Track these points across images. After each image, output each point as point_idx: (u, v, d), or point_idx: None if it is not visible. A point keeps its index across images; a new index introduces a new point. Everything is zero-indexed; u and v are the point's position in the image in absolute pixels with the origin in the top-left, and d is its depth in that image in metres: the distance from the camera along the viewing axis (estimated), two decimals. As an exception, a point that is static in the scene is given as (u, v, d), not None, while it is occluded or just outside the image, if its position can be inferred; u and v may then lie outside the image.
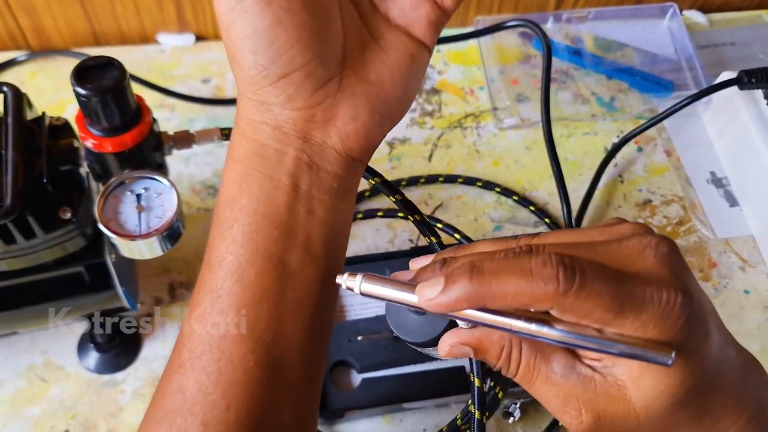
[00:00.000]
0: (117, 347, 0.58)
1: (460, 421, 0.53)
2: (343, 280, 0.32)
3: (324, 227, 0.34)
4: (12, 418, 0.55)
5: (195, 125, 0.72)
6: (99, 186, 0.49)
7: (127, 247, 0.47)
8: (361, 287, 0.31)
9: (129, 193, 0.48)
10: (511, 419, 0.56)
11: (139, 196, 0.48)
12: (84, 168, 0.49)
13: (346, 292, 0.60)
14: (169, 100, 0.73)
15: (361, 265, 0.62)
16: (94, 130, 0.46)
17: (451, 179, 0.69)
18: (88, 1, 0.73)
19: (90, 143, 0.46)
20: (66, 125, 0.50)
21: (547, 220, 0.67)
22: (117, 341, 0.58)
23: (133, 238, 0.46)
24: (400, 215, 0.66)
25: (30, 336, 0.59)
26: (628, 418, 0.29)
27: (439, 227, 0.64)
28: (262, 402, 0.32)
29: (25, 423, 0.55)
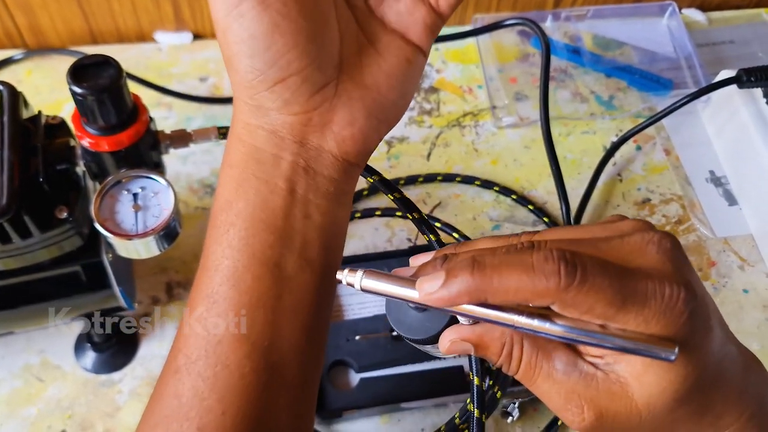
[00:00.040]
0: (114, 347, 0.58)
1: (458, 419, 0.53)
2: (344, 276, 0.32)
3: (320, 231, 0.34)
4: (8, 419, 0.55)
5: (192, 124, 0.72)
6: (95, 185, 0.49)
7: (123, 246, 0.47)
8: (361, 283, 0.31)
9: (126, 192, 0.47)
10: (509, 419, 0.56)
11: (136, 196, 0.47)
12: (80, 167, 0.49)
13: (345, 292, 0.61)
14: (166, 98, 0.73)
15: (360, 265, 0.61)
16: (91, 128, 0.46)
17: (450, 178, 0.69)
18: (84, -1, 0.73)
19: (86, 142, 0.46)
20: (62, 124, 0.50)
21: (545, 219, 0.67)
22: (114, 341, 0.58)
23: (129, 237, 0.46)
24: (398, 214, 0.66)
25: (27, 336, 0.58)
26: (631, 416, 0.29)
27: (437, 226, 0.64)
28: (258, 406, 0.32)
29: (21, 423, 0.55)
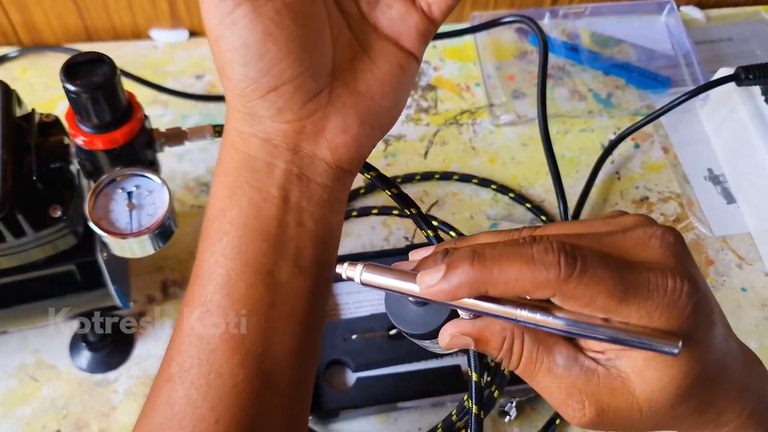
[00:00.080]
0: (109, 346, 0.58)
1: (455, 417, 0.53)
2: (344, 270, 0.32)
3: (314, 239, 0.34)
4: (3, 419, 0.55)
5: (188, 122, 0.72)
6: (90, 183, 0.49)
7: (118, 245, 0.47)
8: (361, 277, 0.31)
9: (120, 190, 0.47)
10: (507, 418, 0.55)
11: (131, 194, 0.47)
12: (74, 165, 0.48)
13: (342, 291, 0.61)
14: (162, 96, 0.73)
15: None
16: (85, 126, 0.46)
17: (447, 176, 0.69)
18: (80, -4, 0.73)
19: (80, 140, 0.46)
20: (56, 122, 0.50)
21: (543, 218, 0.67)
22: (109, 340, 0.57)
23: (124, 236, 0.46)
24: (395, 213, 0.65)
25: (21, 335, 0.58)
26: (632, 411, 0.29)
27: (434, 225, 0.63)
28: (251, 414, 0.32)
29: (16, 423, 0.55)
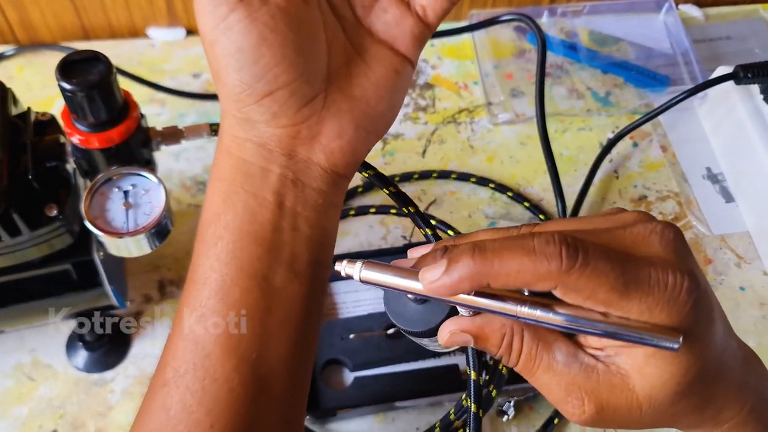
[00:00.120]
0: (106, 346, 0.57)
1: (453, 415, 0.53)
2: (342, 267, 0.31)
3: (309, 243, 0.34)
4: (-1, 418, 0.55)
5: (185, 120, 0.71)
6: (86, 182, 0.48)
7: (114, 244, 0.47)
8: (360, 274, 0.31)
9: (116, 189, 0.47)
10: (505, 417, 0.55)
11: (127, 193, 0.47)
12: (70, 164, 0.48)
13: (339, 290, 0.61)
14: (158, 94, 0.73)
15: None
16: (81, 125, 0.45)
17: (445, 175, 0.69)
18: (76, -6, 0.73)
19: (76, 139, 0.46)
20: (52, 121, 0.50)
21: (541, 217, 0.67)
22: (106, 339, 0.57)
23: (120, 235, 0.46)
24: (392, 212, 0.65)
25: (18, 334, 0.58)
26: (631, 409, 0.29)
27: (432, 224, 0.63)
28: (247, 419, 0.32)
29: (12, 423, 0.54)
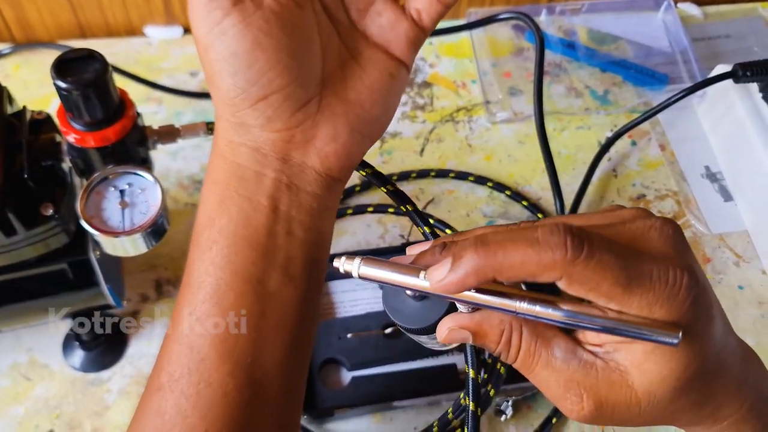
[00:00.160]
0: (103, 345, 0.57)
1: (451, 414, 0.52)
2: (341, 264, 0.31)
3: (304, 247, 0.34)
4: (-5, 418, 0.55)
5: (182, 119, 0.71)
6: (82, 181, 0.48)
7: (110, 244, 0.46)
8: (359, 270, 0.31)
9: (112, 188, 0.47)
10: (503, 417, 0.55)
11: (123, 192, 0.47)
12: (66, 163, 0.48)
13: (336, 289, 0.61)
14: (156, 93, 0.72)
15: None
16: (76, 124, 0.45)
17: (443, 174, 0.69)
18: (73, -8, 0.72)
19: (72, 138, 0.45)
20: (48, 119, 0.49)
21: (540, 215, 0.66)
22: (102, 339, 0.57)
23: (116, 234, 0.45)
24: (390, 210, 0.65)
25: (14, 334, 0.58)
26: (630, 405, 0.29)
27: (430, 222, 0.63)
28: (241, 423, 0.32)
29: (9, 423, 0.54)
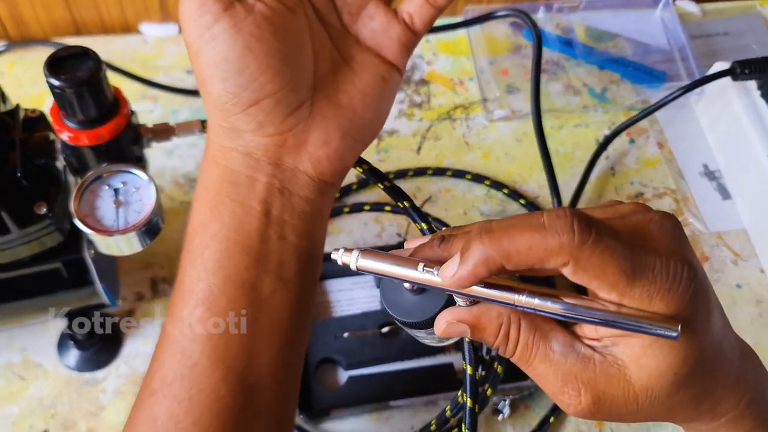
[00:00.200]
0: (98, 345, 0.57)
1: (449, 413, 0.52)
2: (339, 256, 0.31)
3: (296, 252, 0.34)
4: (-11, 418, 0.54)
5: (178, 117, 0.71)
6: (76, 180, 0.48)
7: (104, 242, 0.46)
8: (357, 263, 0.31)
9: (106, 187, 0.46)
10: (500, 416, 0.55)
11: (117, 191, 0.46)
12: (60, 162, 0.48)
13: (333, 288, 0.60)
14: (151, 91, 0.72)
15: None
16: (70, 122, 0.45)
17: (440, 172, 0.68)
18: (68, -11, 0.72)
19: (66, 136, 0.45)
20: (41, 117, 0.49)
21: (537, 214, 0.66)
22: (97, 338, 0.57)
23: (110, 233, 0.45)
24: (387, 208, 0.65)
25: (8, 333, 0.57)
26: (628, 400, 0.29)
27: (427, 219, 0.63)
28: (234, 428, 0.32)
29: (2, 423, 0.54)
